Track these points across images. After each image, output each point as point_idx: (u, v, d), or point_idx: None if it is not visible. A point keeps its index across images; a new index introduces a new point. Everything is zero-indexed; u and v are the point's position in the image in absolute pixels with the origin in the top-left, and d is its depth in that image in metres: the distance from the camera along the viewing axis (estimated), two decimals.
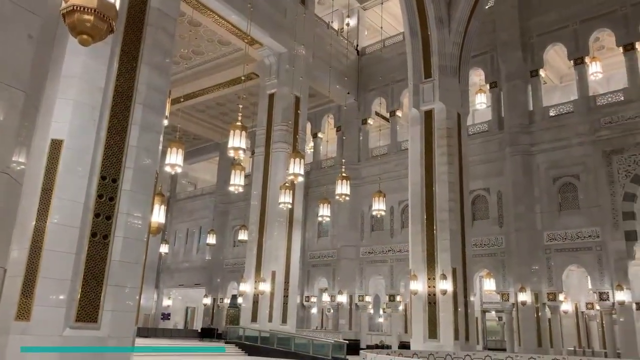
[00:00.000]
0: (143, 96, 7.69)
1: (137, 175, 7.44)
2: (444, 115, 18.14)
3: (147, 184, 7.66)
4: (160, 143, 8.16)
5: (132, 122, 7.57)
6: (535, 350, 18.28)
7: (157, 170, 8.06)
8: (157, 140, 7.94)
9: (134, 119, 7.58)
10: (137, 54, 7.83)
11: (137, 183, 7.44)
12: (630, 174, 18.34)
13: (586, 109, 19.97)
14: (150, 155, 7.75)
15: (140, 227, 7.43)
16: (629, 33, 19.57)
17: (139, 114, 7.63)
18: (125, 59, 7.68)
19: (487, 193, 21.67)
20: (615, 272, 17.91)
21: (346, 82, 25.96)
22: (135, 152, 7.50)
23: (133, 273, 7.26)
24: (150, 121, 7.77)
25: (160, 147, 8.12)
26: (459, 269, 16.80)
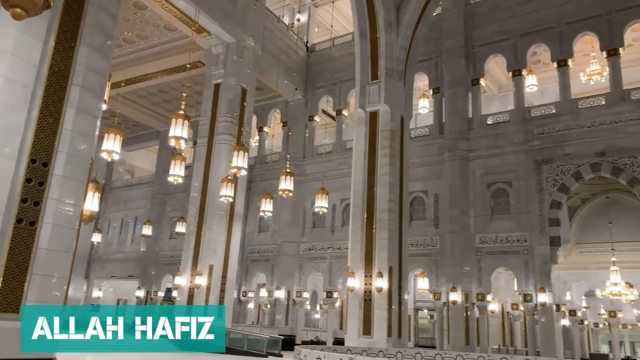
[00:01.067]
0: (81, 77, 7.33)
1: (70, 160, 7.09)
2: (389, 118, 18.49)
3: (80, 169, 7.31)
4: (97, 128, 7.81)
5: (68, 104, 7.19)
6: (463, 348, 19.07)
7: (92, 156, 7.71)
8: (93, 125, 7.60)
9: (69, 100, 7.21)
10: (76, 33, 7.44)
11: (70, 168, 7.09)
12: (557, 183, 19.46)
13: (521, 119, 20.98)
14: (86, 140, 7.40)
15: (72, 214, 7.09)
16: (562, 50, 20.73)
17: (75, 95, 7.27)
18: (62, 37, 7.28)
19: (425, 195, 22.32)
20: (539, 275, 18.96)
21: (294, 78, 25.92)
22: (70, 136, 7.13)
23: (61, 262, 6.91)
24: (87, 104, 7.41)
25: (96, 132, 7.77)
26: (395, 268, 17.20)
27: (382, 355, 9.82)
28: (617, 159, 18.47)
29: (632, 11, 19.54)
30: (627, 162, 18.27)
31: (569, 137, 19.52)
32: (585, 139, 19.14)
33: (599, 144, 18.85)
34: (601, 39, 20.04)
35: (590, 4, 20.36)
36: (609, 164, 18.59)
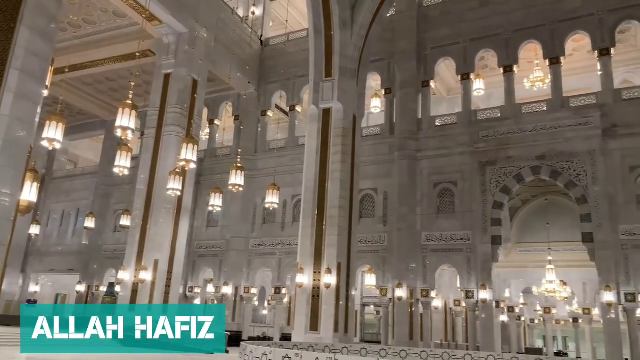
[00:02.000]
0: (20, 61, 6.96)
1: (7, 147, 6.72)
2: (341, 116, 18.62)
3: (18, 158, 6.95)
4: (38, 115, 7.44)
5: (5, 88, 6.82)
6: (407, 343, 19.53)
7: (31, 144, 7.35)
8: (33, 111, 7.24)
9: (7, 85, 6.84)
10: (16, 14, 7.06)
11: (7, 156, 6.73)
12: (500, 185, 20.23)
13: (468, 121, 21.66)
14: (24, 127, 7.05)
15: (7, 204, 6.73)
16: (508, 56, 21.55)
17: (14, 79, 6.90)
18: (1, 18, 6.88)
19: (375, 193, 22.66)
20: (481, 273, 19.68)
21: (247, 71, 25.65)
22: (7, 122, 6.77)
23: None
24: (27, 89, 7.05)
25: (37, 119, 7.41)
26: (343, 264, 17.38)
27: (329, 351, 9.92)
28: (555, 163, 19.41)
29: (573, 22, 20.57)
30: (564, 166, 19.23)
31: (512, 141, 20.33)
32: (527, 143, 19.99)
33: (540, 148, 19.73)
34: (544, 47, 20.98)
35: (535, 14, 21.26)
36: (549, 167, 19.51)
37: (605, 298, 17.57)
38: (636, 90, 19.44)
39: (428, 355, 10.35)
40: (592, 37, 20.19)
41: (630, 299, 17.41)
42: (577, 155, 19.05)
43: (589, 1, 20.38)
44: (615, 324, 17.65)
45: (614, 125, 18.76)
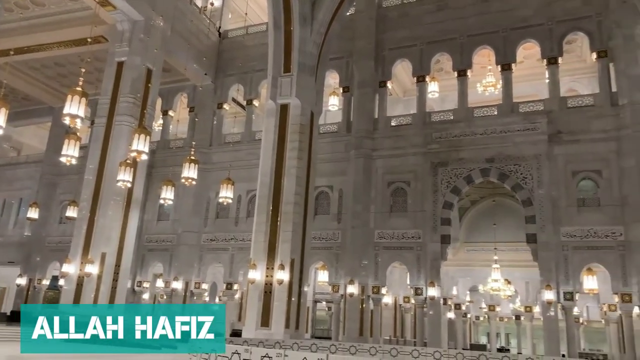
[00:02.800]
0: None
1: None
2: (299, 112, 18.61)
3: None
4: None
5: None
6: (357, 339, 19.79)
7: None
8: None
9: None
10: None
11: None
12: (450, 185, 20.78)
13: (422, 123, 22.12)
14: None
15: None
16: (463, 61, 22.15)
17: None
18: None
19: (330, 190, 22.80)
20: (430, 270, 20.17)
21: (204, 63, 25.20)
22: None
23: None
24: None
25: None
26: (297, 260, 17.41)
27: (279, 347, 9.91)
28: (504, 166, 20.11)
29: (524, 31, 21.36)
30: (512, 169, 19.96)
31: (463, 143, 20.92)
32: (478, 146, 20.62)
33: (490, 151, 20.40)
34: (497, 53, 21.69)
35: (489, 20, 21.94)
36: (497, 170, 20.20)
37: (546, 296, 18.40)
38: (580, 99, 20.40)
39: (377, 350, 10.53)
40: (542, 46, 21.03)
41: (568, 298, 18.30)
42: (524, 159, 19.82)
43: (540, 11, 21.21)
44: (554, 321, 18.50)
45: (559, 132, 19.63)
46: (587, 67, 22.97)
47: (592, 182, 19.05)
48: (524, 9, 21.52)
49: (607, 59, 19.83)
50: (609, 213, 18.39)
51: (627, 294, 17.63)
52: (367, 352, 10.77)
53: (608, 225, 18.24)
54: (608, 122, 19.06)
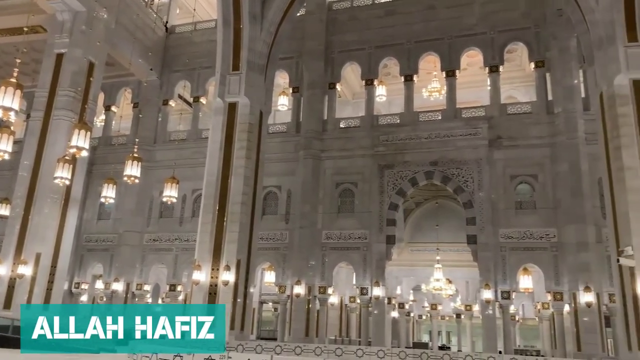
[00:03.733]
0: None
1: None
2: (248, 110, 18.40)
3: None
4: None
5: None
6: (303, 339, 19.82)
7: None
8: None
9: None
10: None
11: None
12: (396, 187, 21.23)
13: (370, 125, 22.47)
14: None
15: None
16: (409, 66, 22.68)
17: None
18: None
19: (279, 190, 22.73)
20: (375, 270, 20.51)
21: (150, 58, 24.53)
22: None
23: None
24: None
25: None
26: (243, 261, 17.21)
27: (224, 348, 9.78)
28: (447, 169, 20.75)
29: (468, 39, 22.15)
30: (454, 172, 20.63)
31: (409, 146, 21.42)
32: (423, 149, 21.17)
33: (433, 154, 20.99)
34: (442, 60, 22.36)
35: (435, 28, 22.58)
36: (440, 173, 20.82)
37: (485, 295, 19.13)
38: (519, 106, 21.38)
39: (322, 350, 10.59)
40: (484, 54, 21.87)
41: (505, 297, 19.10)
42: (465, 163, 20.52)
43: (483, 20, 22.06)
44: (492, 319, 19.28)
45: (498, 137, 20.47)
46: (526, 76, 24.08)
47: (529, 185, 20.00)
48: (468, 17, 22.31)
49: (544, 69, 20.88)
50: (543, 215, 19.36)
51: (558, 292, 18.62)
52: (312, 352, 10.82)
53: (543, 227, 19.19)
54: (544, 129, 20.07)
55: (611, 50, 14.98)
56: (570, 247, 18.46)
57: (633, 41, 14.79)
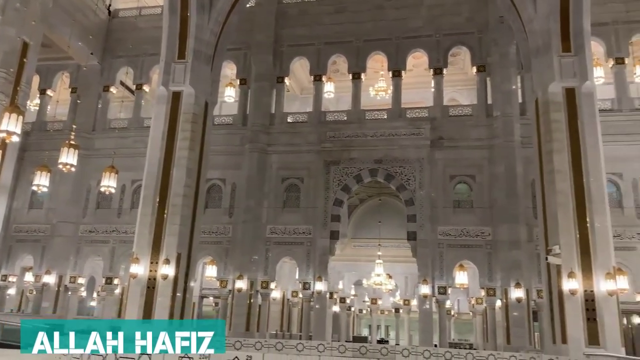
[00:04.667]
0: None
1: None
2: (192, 100, 17.93)
3: None
4: None
5: None
6: (244, 334, 19.71)
7: None
8: None
9: None
10: None
11: None
12: (341, 184, 21.46)
13: (317, 121, 22.57)
14: None
15: None
16: (358, 64, 22.94)
17: None
18: None
19: (223, 184, 22.42)
20: (318, 265, 20.68)
21: (90, 41, 23.48)
22: None
23: None
24: None
25: None
26: (184, 255, 16.83)
27: None
28: (390, 167, 21.19)
29: (415, 40, 22.66)
30: (398, 170, 21.09)
31: (355, 143, 21.69)
32: (368, 147, 21.50)
33: (378, 152, 21.37)
34: (389, 60, 22.76)
35: (383, 27, 22.94)
36: (384, 170, 21.23)
37: (422, 290, 19.73)
38: (460, 109, 22.14)
39: (262, 345, 10.57)
40: (430, 56, 22.46)
41: (442, 292, 19.78)
42: (408, 162, 21.04)
43: (429, 23, 22.63)
44: (428, 313, 19.93)
45: (440, 138, 21.11)
46: (468, 79, 24.92)
47: (467, 185, 20.79)
48: (415, 19, 22.82)
49: (485, 73, 21.71)
50: (479, 214, 20.18)
51: (491, 288, 19.49)
52: (253, 346, 10.77)
53: (478, 226, 20.01)
54: (483, 132, 20.88)
55: (546, 58, 15.78)
56: (503, 245, 19.34)
57: (567, 51, 15.64)
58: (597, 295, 13.67)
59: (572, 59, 15.54)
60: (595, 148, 14.80)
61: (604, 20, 19.81)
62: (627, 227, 18.43)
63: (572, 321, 13.66)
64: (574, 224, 14.26)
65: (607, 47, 20.54)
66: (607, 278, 13.71)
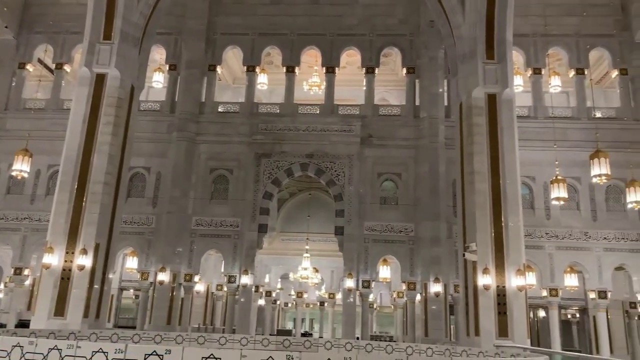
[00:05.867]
0: None
1: None
2: (118, 84, 17.07)
3: None
4: None
5: None
6: (164, 327, 19.14)
7: None
8: None
9: None
10: None
11: None
12: (272, 177, 21.37)
13: (249, 112, 22.30)
14: None
15: None
16: (292, 58, 22.89)
17: None
18: None
19: (148, 172, 21.61)
20: (245, 258, 20.50)
21: (5, 14, 21.77)
22: None
23: None
24: None
25: None
26: (103, 245, 16.05)
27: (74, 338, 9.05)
28: (321, 162, 21.38)
29: (349, 38, 22.95)
30: (328, 166, 21.33)
31: (287, 137, 21.66)
32: (300, 141, 21.55)
33: (310, 147, 21.48)
34: (323, 55, 22.91)
35: (318, 23, 23.05)
36: (315, 165, 21.39)
37: (347, 284, 20.13)
38: (390, 108, 22.75)
39: (183, 339, 10.29)
40: (362, 55, 22.84)
41: (365, 285, 20.28)
42: (339, 158, 21.33)
43: (363, 22, 23.00)
44: (352, 306, 20.37)
45: (370, 136, 21.57)
46: (398, 80, 25.61)
47: (393, 183, 21.42)
48: (350, 17, 23.10)
49: (414, 75, 22.41)
50: (404, 211, 20.86)
51: (412, 282, 20.23)
52: (174, 340, 10.46)
53: (402, 222, 20.68)
54: (410, 132, 21.57)
55: (472, 64, 16.54)
56: (425, 242, 20.13)
57: (490, 59, 16.49)
58: (508, 291, 14.59)
59: (495, 67, 16.41)
60: (512, 152, 15.75)
61: (524, 32, 21.09)
62: (537, 227, 19.81)
63: (484, 314, 14.49)
64: (490, 223, 15.11)
65: (527, 57, 21.89)
66: (517, 274, 14.65)
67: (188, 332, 14.13)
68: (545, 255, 19.69)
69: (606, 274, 19.53)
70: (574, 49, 21.82)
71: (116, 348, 3.93)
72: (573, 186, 19.88)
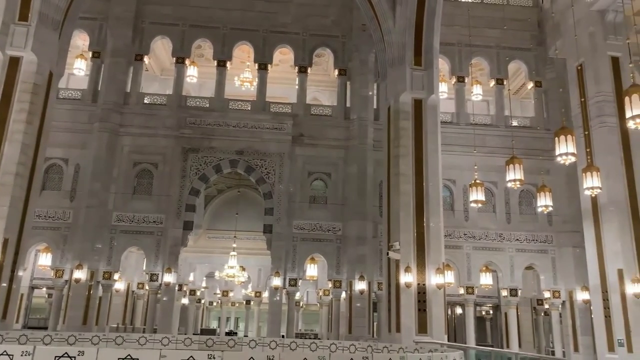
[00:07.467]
0: None
1: None
2: (34, 69, 15.96)
3: None
4: None
5: None
6: (80, 327, 18.18)
7: None
8: None
9: None
10: None
11: None
12: (199, 173, 20.89)
13: (177, 106, 21.65)
14: None
15: None
16: (224, 52, 22.51)
17: None
18: None
19: (65, 164, 20.42)
20: (168, 256, 19.89)
21: None
22: None
23: None
24: None
25: None
26: (12, 240, 14.96)
27: None
28: (251, 160, 21.19)
29: (282, 36, 22.91)
30: (258, 163, 21.18)
31: (216, 132, 21.26)
32: (230, 137, 21.23)
33: (240, 143, 21.22)
34: (256, 52, 22.71)
35: (252, 18, 22.81)
36: (245, 162, 21.16)
37: (274, 282, 20.11)
38: (321, 108, 22.97)
39: (100, 339, 9.85)
40: (295, 54, 22.89)
41: (292, 284, 20.35)
42: (269, 156, 21.25)
43: (297, 21, 23.05)
44: (278, 305, 20.37)
45: (301, 135, 21.66)
46: (330, 81, 25.92)
47: (323, 182, 21.66)
48: (284, 15, 23.07)
49: (345, 77, 22.78)
50: (332, 210, 21.15)
51: (338, 280, 20.56)
52: (89, 341, 9.98)
53: (331, 221, 20.97)
54: (340, 132, 21.90)
55: (400, 70, 17.09)
56: (351, 240, 20.53)
57: (418, 65, 17.13)
58: (427, 288, 15.22)
59: (422, 73, 17.06)
60: (435, 155, 16.44)
61: (450, 41, 22.06)
62: (456, 228, 20.79)
63: (405, 311, 15.03)
64: (414, 223, 15.70)
65: (452, 65, 22.91)
66: (437, 273, 15.32)
67: (105, 333, 13.52)
68: (463, 255, 20.71)
69: (517, 273, 20.88)
70: (494, 60, 23.11)
71: (23, 350, 3.71)
72: (490, 190, 21.04)
